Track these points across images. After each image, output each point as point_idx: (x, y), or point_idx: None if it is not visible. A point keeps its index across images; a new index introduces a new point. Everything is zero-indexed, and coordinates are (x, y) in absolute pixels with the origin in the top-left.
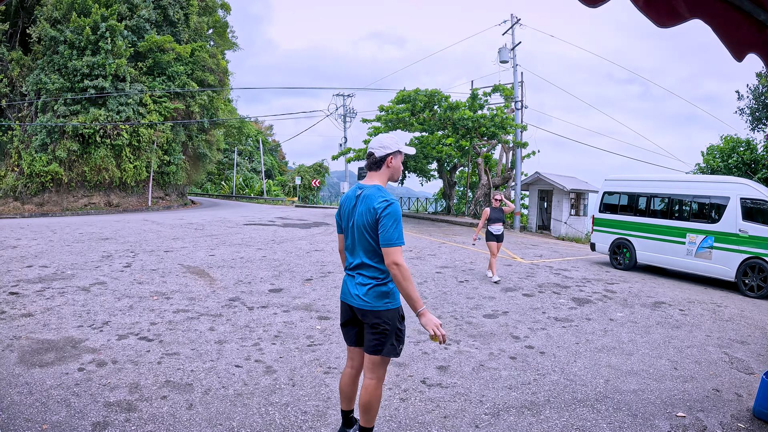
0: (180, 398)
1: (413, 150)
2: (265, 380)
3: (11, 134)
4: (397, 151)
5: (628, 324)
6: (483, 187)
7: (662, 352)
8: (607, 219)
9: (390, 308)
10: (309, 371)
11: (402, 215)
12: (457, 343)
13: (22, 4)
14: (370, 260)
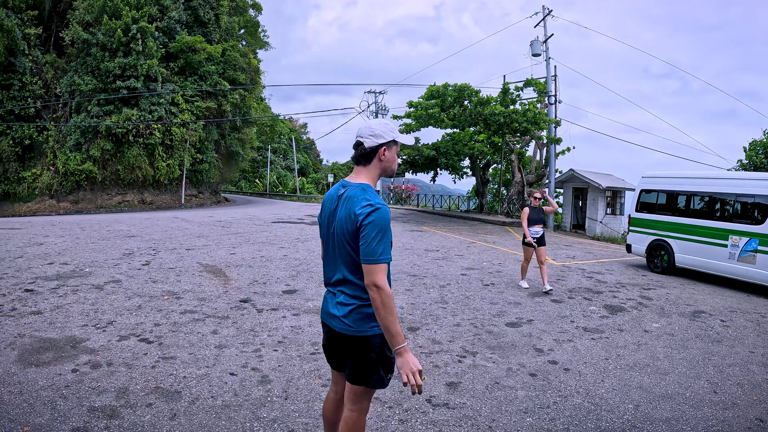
0: (165, 407)
1: (411, 139)
2: (258, 391)
3: (47, 134)
4: (391, 141)
5: (664, 337)
6: (516, 185)
7: (701, 371)
8: (644, 219)
9: (378, 333)
10: (306, 383)
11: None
12: (473, 355)
13: (56, 9)
14: (352, 276)
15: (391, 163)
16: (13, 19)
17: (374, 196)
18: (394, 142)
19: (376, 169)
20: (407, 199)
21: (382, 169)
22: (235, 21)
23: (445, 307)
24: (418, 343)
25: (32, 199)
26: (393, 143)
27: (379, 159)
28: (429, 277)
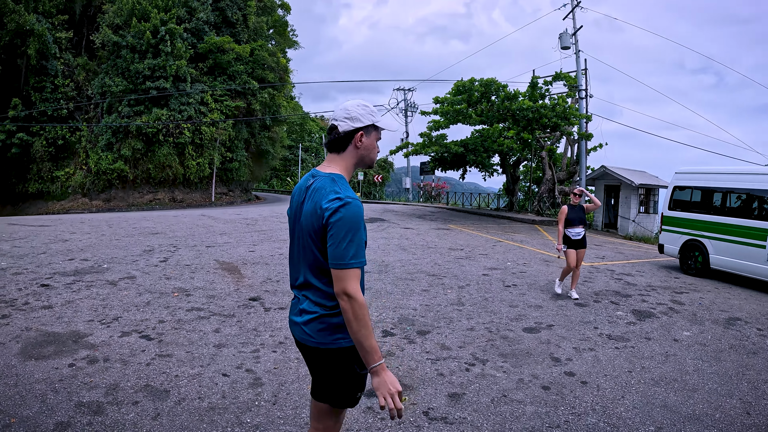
0: (150, 406)
1: (394, 125)
2: (247, 394)
3: (79, 135)
4: (370, 126)
5: (695, 347)
6: (547, 182)
7: (733, 387)
8: (678, 217)
9: (343, 346)
10: (298, 388)
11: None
12: (483, 363)
13: (86, 13)
14: (316, 279)
15: (370, 151)
16: (44, 23)
17: (345, 189)
18: (374, 127)
19: (352, 158)
20: (437, 197)
21: (358, 158)
22: (263, 21)
23: (460, 310)
24: (426, 348)
25: (65, 198)
26: (372, 128)
27: (355, 146)
28: (449, 277)
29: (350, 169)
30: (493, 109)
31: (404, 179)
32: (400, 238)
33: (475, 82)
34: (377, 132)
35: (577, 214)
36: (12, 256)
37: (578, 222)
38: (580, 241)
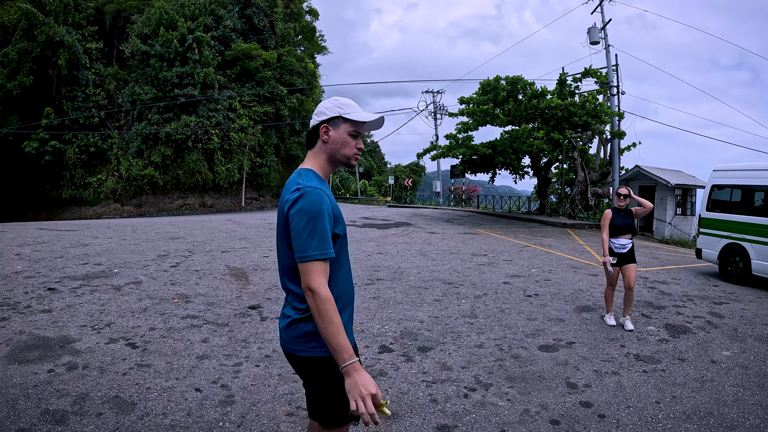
0: (112, 419)
1: (367, 115)
2: (214, 413)
3: (110, 142)
4: (336, 118)
5: (736, 370)
6: (579, 184)
7: None
8: (716, 219)
9: (317, 356)
10: (270, 409)
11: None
12: (486, 388)
13: (115, 24)
14: (290, 281)
15: (340, 145)
16: (74, 34)
17: (308, 179)
18: (341, 119)
19: (322, 153)
20: (468, 201)
21: (329, 153)
22: (290, 27)
23: (472, 323)
24: (424, 367)
25: (98, 203)
26: (339, 120)
27: (323, 140)
28: (466, 286)
29: (323, 165)
30: (520, 109)
31: (434, 183)
32: (423, 243)
33: (500, 80)
34: (349, 125)
35: (624, 220)
36: (30, 259)
37: (625, 230)
38: (627, 255)
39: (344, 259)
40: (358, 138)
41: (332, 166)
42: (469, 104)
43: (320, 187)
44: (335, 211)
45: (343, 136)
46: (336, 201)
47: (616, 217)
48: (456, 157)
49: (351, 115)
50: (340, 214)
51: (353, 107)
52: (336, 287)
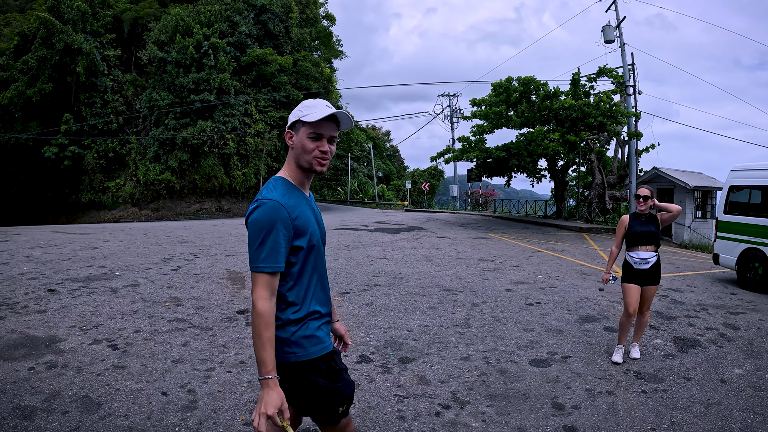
0: (76, 417)
1: (321, 111)
2: (174, 418)
3: (129, 147)
4: (296, 122)
5: (747, 392)
6: (597, 187)
7: None
8: (734, 222)
9: (291, 361)
10: (229, 417)
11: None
12: (462, 406)
13: (133, 31)
14: None
15: (301, 151)
16: (92, 42)
17: (269, 191)
18: (300, 122)
19: (291, 159)
20: (485, 205)
21: (295, 159)
22: (306, 32)
23: (462, 333)
24: (400, 381)
25: (116, 207)
26: (299, 124)
27: (290, 146)
28: (465, 293)
29: (293, 170)
30: (533, 110)
31: (451, 187)
32: (431, 247)
33: (512, 81)
34: (307, 127)
35: (646, 227)
36: (37, 261)
37: (645, 239)
38: (649, 273)
39: (312, 271)
40: (320, 140)
41: (303, 173)
42: (481, 106)
43: (277, 199)
44: (298, 222)
45: (302, 141)
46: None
47: (636, 224)
48: (470, 161)
49: (306, 116)
50: (308, 225)
51: (313, 108)
52: (303, 299)
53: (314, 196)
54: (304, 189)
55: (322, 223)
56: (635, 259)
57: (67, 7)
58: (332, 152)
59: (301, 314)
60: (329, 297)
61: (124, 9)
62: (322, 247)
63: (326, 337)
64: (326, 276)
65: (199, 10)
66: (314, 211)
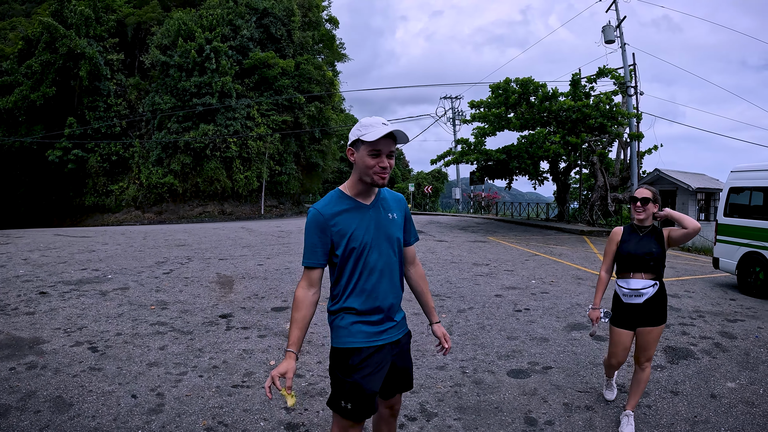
0: (47, 417)
1: (379, 131)
2: (138, 420)
3: (132, 150)
4: (356, 141)
5: (739, 408)
6: (599, 190)
7: None
8: (734, 225)
9: (332, 345)
10: (192, 422)
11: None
12: (428, 418)
13: (137, 35)
14: None
15: (363, 167)
16: (95, 46)
17: (321, 200)
18: (360, 141)
19: (354, 173)
20: (488, 208)
21: (358, 173)
22: (308, 36)
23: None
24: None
25: (120, 211)
26: (359, 143)
27: (352, 162)
28: (453, 299)
29: (354, 183)
30: (533, 112)
31: (453, 190)
32: (426, 251)
33: (510, 82)
34: (366, 146)
35: (643, 245)
36: (34, 264)
37: (640, 264)
38: (643, 309)
39: (353, 271)
40: (379, 156)
41: (364, 185)
42: (480, 108)
43: (318, 207)
44: (336, 228)
45: (363, 158)
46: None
47: (629, 240)
48: (470, 163)
49: (365, 136)
50: (347, 230)
51: (370, 128)
52: (341, 295)
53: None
54: (365, 199)
55: (387, 228)
56: (626, 288)
57: (71, 12)
58: (392, 165)
59: (336, 308)
60: (383, 297)
61: (128, 13)
62: (371, 252)
63: (359, 333)
64: (384, 278)
65: (201, 14)
66: (372, 218)
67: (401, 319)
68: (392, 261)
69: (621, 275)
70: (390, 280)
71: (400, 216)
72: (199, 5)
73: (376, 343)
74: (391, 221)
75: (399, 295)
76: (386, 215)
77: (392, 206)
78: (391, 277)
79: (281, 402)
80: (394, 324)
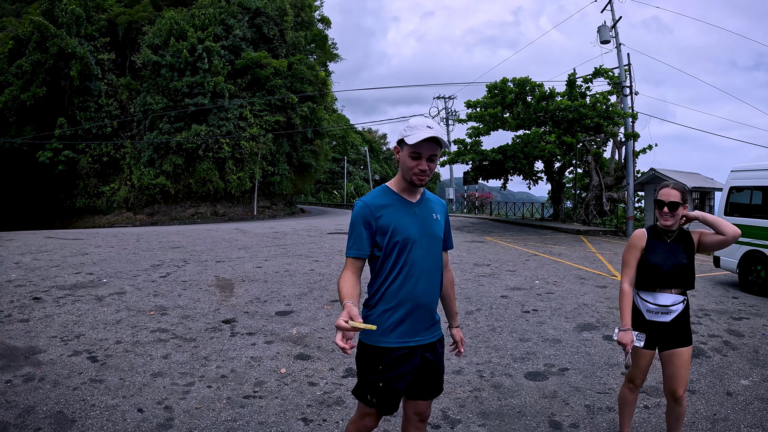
0: None
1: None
2: None
3: (123, 151)
4: (400, 140)
5: (755, 405)
6: (594, 189)
7: None
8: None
9: (362, 341)
10: None
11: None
12: (452, 425)
13: (128, 35)
14: None
15: (404, 166)
16: (86, 46)
17: (369, 194)
18: (403, 141)
19: (400, 170)
20: (481, 208)
21: (402, 171)
22: (301, 36)
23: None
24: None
25: (111, 212)
26: (403, 143)
27: (398, 159)
28: (459, 300)
29: (399, 180)
30: (529, 111)
31: (447, 190)
32: None
33: (507, 82)
34: (408, 147)
35: (673, 256)
36: (26, 268)
37: (672, 278)
38: (669, 328)
39: (393, 266)
40: (420, 159)
41: (407, 183)
42: (477, 108)
43: (366, 200)
44: (382, 221)
45: (405, 158)
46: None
47: (657, 249)
48: (465, 163)
49: (408, 137)
50: (391, 223)
51: (414, 130)
52: (378, 289)
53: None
54: (409, 196)
55: (431, 227)
56: (649, 304)
57: (62, 11)
58: (432, 169)
59: (373, 301)
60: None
61: (119, 13)
62: (414, 249)
63: (392, 333)
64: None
65: (193, 13)
66: (416, 215)
67: (437, 322)
68: (437, 260)
69: (646, 288)
70: (431, 280)
71: (442, 219)
72: (191, 5)
73: (409, 344)
74: (435, 221)
75: (437, 296)
76: (431, 214)
77: (436, 208)
78: (433, 276)
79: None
80: (429, 326)
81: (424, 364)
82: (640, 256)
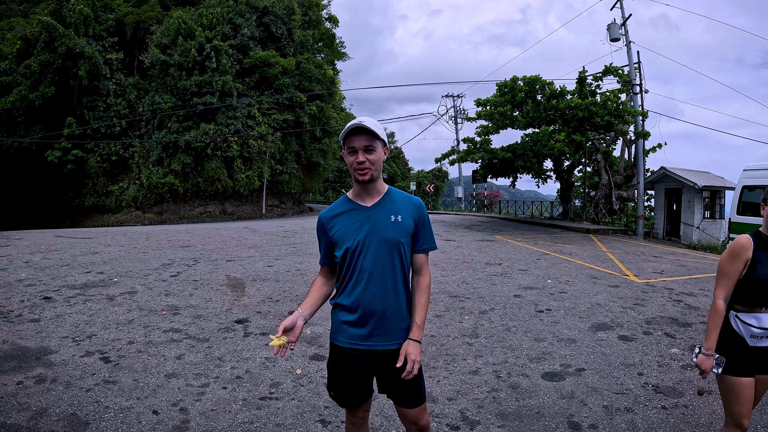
0: None
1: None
2: None
3: (132, 150)
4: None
5: None
6: (603, 188)
7: None
8: (748, 224)
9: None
10: None
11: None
12: (471, 426)
13: (136, 34)
14: None
15: (349, 168)
16: (95, 46)
17: (329, 206)
18: (344, 141)
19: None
20: (490, 206)
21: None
22: (309, 34)
23: (471, 344)
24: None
25: (120, 211)
26: (344, 147)
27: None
28: (473, 299)
29: (354, 186)
30: (539, 110)
31: (456, 188)
32: (436, 251)
33: (518, 80)
34: (344, 147)
35: None
36: (36, 267)
37: None
38: None
39: (346, 271)
40: (356, 153)
41: (359, 186)
42: (486, 106)
43: (321, 213)
44: (333, 232)
45: (346, 159)
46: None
47: (765, 261)
48: (475, 162)
49: (341, 138)
50: (339, 234)
51: (344, 130)
52: (338, 292)
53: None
54: (364, 200)
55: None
56: (754, 329)
57: (70, 11)
58: (371, 160)
59: (333, 302)
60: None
61: (127, 12)
62: (364, 255)
63: (343, 333)
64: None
65: (201, 12)
66: (368, 219)
67: (396, 329)
68: (385, 265)
69: (750, 309)
70: (381, 285)
71: (409, 219)
72: (199, 4)
73: (358, 346)
74: (393, 223)
75: (392, 301)
76: (387, 217)
77: (400, 209)
78: (382, 281)
79: (315, 415)
80: (385, 332)
81: (386, 370)
82: (743, 268)
